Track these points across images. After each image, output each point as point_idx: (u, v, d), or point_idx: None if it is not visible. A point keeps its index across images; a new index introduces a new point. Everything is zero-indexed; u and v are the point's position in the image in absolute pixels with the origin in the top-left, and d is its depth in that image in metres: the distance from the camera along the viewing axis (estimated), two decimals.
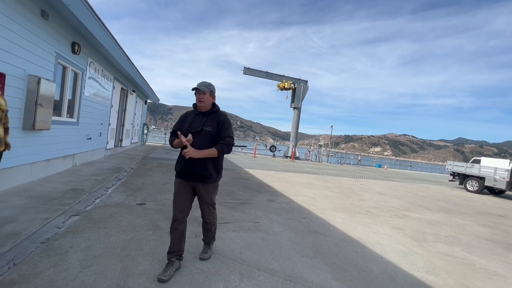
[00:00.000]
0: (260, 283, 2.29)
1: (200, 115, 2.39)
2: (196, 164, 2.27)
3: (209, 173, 2.32)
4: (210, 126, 2.32)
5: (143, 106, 15.99)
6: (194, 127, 2.32)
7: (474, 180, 11.91)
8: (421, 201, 7.66)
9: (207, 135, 2.29)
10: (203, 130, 2.30)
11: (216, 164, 2.38)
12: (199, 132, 2.29)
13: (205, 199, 2.42)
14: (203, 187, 2.36)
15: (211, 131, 2.31)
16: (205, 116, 2.37)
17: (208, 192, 2.41)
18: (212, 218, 2.54)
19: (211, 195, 2.45)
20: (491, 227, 5.51)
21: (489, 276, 3.03)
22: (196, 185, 2.36)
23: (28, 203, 3.45)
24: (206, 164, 2.29)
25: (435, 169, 29.44)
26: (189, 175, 2.33)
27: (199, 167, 2.28)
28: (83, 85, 6.34)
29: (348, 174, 13.67)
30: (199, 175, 2.31)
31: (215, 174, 2.39)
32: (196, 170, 2.29)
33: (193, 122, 2.35)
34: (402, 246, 3.70)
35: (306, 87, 21.40)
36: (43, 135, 4.69)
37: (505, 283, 2.90)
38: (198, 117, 2.38)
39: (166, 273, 2.17)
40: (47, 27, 4.45)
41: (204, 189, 2.38)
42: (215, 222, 2.60)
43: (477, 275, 3.03)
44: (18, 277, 1.97)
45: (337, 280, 2.50)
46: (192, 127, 2.33)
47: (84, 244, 2.60)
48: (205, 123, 2.32)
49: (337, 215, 4.92)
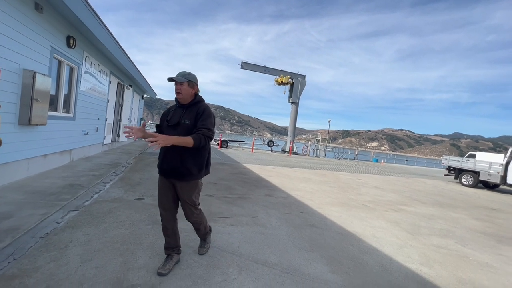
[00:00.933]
0: (258, 276, 2.33)
1: (181, 107, 2.20)
2: (173, 159, 2.10)
3: (186, 169, 2.11)
4: (188, 119, 2.11)
5: (140, 101, 15.88)
6: (172, 121, 2.15)
7: (469, 175, 12.06)
8: (416, 195, 7.76)
9: (184, 128, 2.09)
10: (180, 123, 2.11)
11: (196, 160, 2.15)
12: (176, 125, 2.11)
13: (183, 199, 2.22)
14: (180, 184, 2.17)
15: (189, 124, 2.09)
16: (185, 109, 2.17)
17: (186, 191, 2.19)
18: (196, 219, 2.36)
19: (191, 194, 2.22)
20: (485, 220, 5.62)
21: (481, 268, 3.11)
22: (175, 182, 2.18)
23: (26, 199, 3.45)
24: (183, 159, 2.09)
25: (431, 164, 29.73)
26: (167, 171, 2.17)
27: (176, 162, 2.10)
28: (79, 80, 6.27)
29: (346, 168, 13.76)
30: (176, 171, 2.12)
31: (196, 170, 2.16)
32: (173, 166, 2.11)
33: (172, 116, 2.18)
34: (397, 239, 3.76)
35: (304, 81, 21.35)
36: (40, 130, 4.65)
37: (496, 274, 2.97)
38: (178, 110, 2.19)
39: (166, 267, 2.18)
40: (41, 20, 4.38)
41: (182, 187, 2.18)
42: (201, 221, 2.44)
43: (469, 266, 3.10)
44: (19, 271, 1.99)
45: (333, 273, 2.55)
46: (170, 120, 2.16)
47: (83, 239, 2.62)
48: (183, 116, 2.13)
49: (334, 209, 4.97)
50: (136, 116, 14.98)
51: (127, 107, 11.99)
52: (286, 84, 21.22)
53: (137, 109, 14.91)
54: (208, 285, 2.10)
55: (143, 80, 12.85)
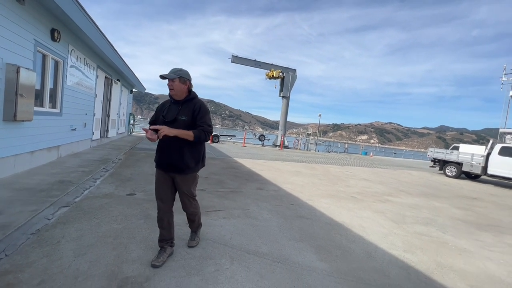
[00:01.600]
0: (250, 265, 2.42)
1: (176, 104, 2.28)
2: (172, 154, 2.22)
3: (185, 164, 2.24)
4: (185, 115, 2.21)
5: (128, 96, 15.58)
6: (168, 117, 2.23)
7: (453, 166, 12.53)
8: (403, 187, 8.04)
9: (181, 124, 2.18)
10: (177, 119, 2.20)
11: (194, 154, 2.28)
12: (173, 121, 2.20)
13: (182, 191, 2.35)
14: (180, 177, 2.30)
15: (186, 120, 2.20)
16: (181, 105, 2.26)
17: (185, 183, 2.33)
18: (193, 209, 2.49)
19: (190, 186, 2.37)
20: (465, 209, 5.91)
21: (459, 253, 3.31)
22: (174, 175, 2.30)
23: (15, 196, 3.40)
24: (182, 153, 2.22)
25: (418, 156, 30.60)
26: (166, 165, 2.28)
27: (175, 156, 2.22)
28: (65, 74, 6.11)
29: (335, 162, 14.04)
30: (175, 166, 2.24)
31: (193, 164, 2.30)
32: (173, 160, 2.23)
33: (168, 112, 2.27)
34: (383, 228, 3.94)
35: (295, 76, 21.41)
36: (26, 126, 4.55)
37: (472, 258, 3.18)
38: (174, 106, 2.28)
39: (159, 259, 2.25)
40: (23, 12, 4.24)
41: (182, 179, 2.31)
42: (197, 212, 2.57)
43: (449, 252, 3.30)
44: (11, 266, 2.00)
45: (322, 261, 2.67)
46: (166, 116, 2.24)
47: (75, 234, 2.63)
48: (180, 112, 2.22)
49: (323, 201, 5.12)
50: (125, 111, 14.72)
51: (116, 102, 11.76)
52: (277, 78, 21.24)
53: (125, 104, 14.64)
54: (202, 275, 2.18)
55: (131, 74, 12.59)
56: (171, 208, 2.40)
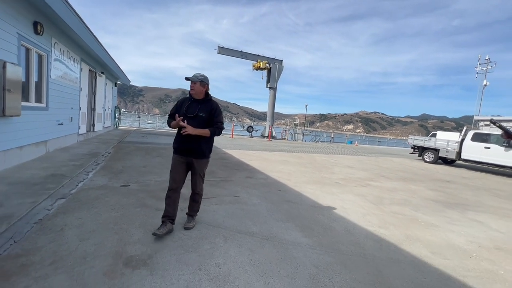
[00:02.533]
0: (242, 243, 2.70)
1: (196, 102, 2.79)
2: (192, 143, 2.73)
3: (202, 151, 2.79)
4: (203, 112, 2.74)
5: (113, 89, 15.26)
6: (190, 112, 2.74)
7: (431, 152, 13.30)
8: (384, 172, 8.56)
9: (200, 119, 2.72)
10: (198, 115, 2.73)
11: (208, 144, 2.86)
12: (194, 117, 2.72)
13: (198, 172, 2.87)
14: (197, 162, 2.83)
15: (204, 117, 2.74)
16: (200, 104, 2.78)
17: (201, 166, 2.88)
18: (201, 190, 2.97)
19: (203, 168, 2.92)
20: (438, 190, 6.45)
21: (427, 227, 3.74)
22: (192, 160, 2.81)
23: (11, 189, 3.49)
24: (200, 143, 2.76)
25: (400, 144, 31.87)
26: (186, 152, 2.79)
27: (194, 145, 2.75)
28: (49, 68, 6.03)
29: (322, 151, 14.51)
30: (195, 152, 2.78)
31: (207, 152, 2.87)
32: (192, 148, 2.76)
33: (189, 108, 2.77)
34: (362, 209, 4.32)
35: (281, 66, 21.54)
36: (14, 121, 4.55)
37: (438, 231, 3.61)
38: (194, 104, 2.79)
39: (160, 230, 2.61)
40: (5, 5, 4.18)
41: (198, 163, 2.84)
42: (202, 194, 3.01)
43: (418, 226, 3.72)
44: (22, 251, 2.18)
45: (305, 237, 2.99)
46: (188, 112, 2.74)
47: (77, 222, 2.80)
48: (200, 110, 2.75)
49: (309, 187, 5.47)
50: (111, 105, 14.46)
51: (101, 95, 11.56)
52: (264, 69, 21.31)
53: (111, 97, 14.36)
54: (199, 252, 2.43)
55: (116, 66, 12.34)
56: (180, 188, 2.84)
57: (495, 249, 3.21)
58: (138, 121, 20.93)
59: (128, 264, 2.14)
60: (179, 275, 2.06)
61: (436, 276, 2.42)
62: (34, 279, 1.85)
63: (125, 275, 1.99)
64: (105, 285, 1.86)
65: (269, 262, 2.38)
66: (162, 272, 2.07)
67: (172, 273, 2.08)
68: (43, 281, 1.83)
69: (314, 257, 2.56)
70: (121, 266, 2.10)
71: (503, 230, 3.94)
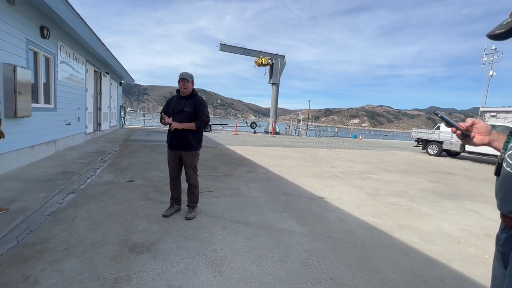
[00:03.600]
0: (239, 231, 2.88)
1: (181, 98, 3.05)
2: (180, 137, 2.98)
3: (189, 143, 3.02)
4: (188, 108, 2.99)
5: (118, 88, 15.55)
6: (176, 108, 3.01)
7: (434, 145, 13.25)
8: (385, 165, 8.63)
9: (186, 114, 2.97)
10: (183, 110, 2.98)
11: (195, 137, 3.06)
12: (180, 112, 2.98)
13: (188, 164, 3.11)
14: (186, 154, 3.07)
15: (189, 111, 2.98)
16: (186, 100, 3.03)
17: (189, 158, 3.09)
18: (194, 181, 3.17)
19: (193, 160, 3.12)
20: (437, 182, 6.52)
21: (421, 216, 3.86)
22: (181, 153, 3.07)
23: (24, 186, 3.74)
24: (187, 136, 2.99)
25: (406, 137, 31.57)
26: (175, 145, 3.06)
27: (182, 139, 2.99)
28: (56, 70, 6.28)
29: (325, 145, 14.58)
30: (182, 145, 3.02)
31: (195, 144, 3.08)
32: (180, 141, 3.00)
33: (176, 104, 3.04)
34: (358, 200, 4.46)
35: (284, 62, 21.54)
36: (25, 122, 4.81)
37: (431, 220, 3.73)
38: (180, 100, 3.04)
39: (168, 211, 3.11)
40: (14, 12, 4.40)
41: (187, 156, 3.08)
42: (197, 185, 3.22)
43: (411, 216, 3.84)
44: (38, 239, 2.40)
45: (300, 226, 3.15)
46: (175, 108, 3.02)
47: (86, 214, 3.02)
48: (185, 105, 3.00)
49: (308, 180, 5.61)
50: (116, 104, 14.77)
51: (106, 95, 11.85)
52: (266, 65, 21.34)
53: (116, 97, 14.66)
54: (198, 239, 2.62)
55: (119, 66, 12.59)
56: (179, 177, 3.20)
57: (485, 236, 3.31)
58: (143, 120, 21.28)
59: (133, 250, 2.34)
60: (179, 259, 2.25)
61: (421, 260, 2.56)
62: (49, 263, 2.06)
63: (130, 259, 2.19)
64: (112, 267, 2.06)
65: (263, 248, 2.55)
66: (163, 257, 2.26)
67: (173, 257, 2.27)
68: (57, 264, 2.05)
69: (306, 243, 2.72)
70: (126, 252, 2.30)
71: (498, 219, 4.02)
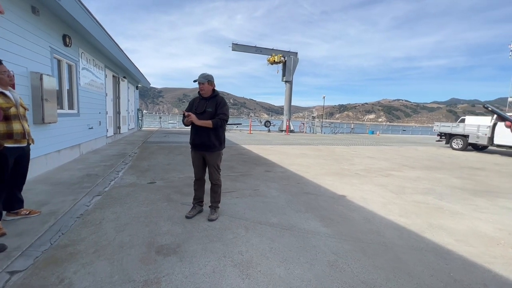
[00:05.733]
0: (263, 232, 2.84)
1: (203, 99, 3.09)
2: (202, 137, 3.00)
3: (212, 143, 3.02)
4: (210, 108, 3.02)
5: (135, 92, 15.98)
6: (199, 109, 3.04)
7: (459, 139, 12.60)
8: (407, 162, 8.30)
9: (208, 114, 2.99)
10: (205, 111, 3.01)
11: (217, 136, 3.05)
12: (202, 112, 3.01)
13: (211, 164, 3.13)
14: (209, 154, 3.09)
15: (211, 111, 3.00)
16: (207, 100, 3.06)
17: (213, 158, 3.10)
18: (217, 181, 3.19)
19: (216, 160, 3.13)
20: (466, 178, 6.17)
21: (452, 215, 3.65)
22: (204, 153, 3.09)
23: (54, 189, 3.90)
24: (209, 136, 2.99)
25: (426, 132, 30.34)
26: (197, 146, 3.08)
27: (204, 139, 3.00)
28: (78, 77, 6.51)
29: (341, 142, 14.26)
30: (205, 146, 3.03)
31: (218, 144, 3.07)
32: (203, 142, 3.02)
33: (198, 106, 3.09)
34: (383, 198, 4.29)
35: (296, 59, 21.26)
36: (52, 128, 5.01)
37: (463, 219, 3.52)
38: (202, 101, 3.09)
39: (191, 213, 3.16)
40: (39, 22, 4.58)
41: (210, 156, 3.10)
42: (220, 184, 3.23)
43: (441, 215, 3.64)
44: (69, 241, 2.47)
45: (325, 226, 3.07)
46: (198, 109, 3.05)
47: (112, 216, 3.09)
48: (207, 106, 3.04)
49: (328, 178, 5.49)
50: (133, 107, 15.18)
51: (124, 99, 12.19)
52: (279, 63, 21.15)
53: (133, 100, 15.07)
54: (222, 241, 2.61)
55: (136, 70, 12.92)
56: (203, 176, 3.24)
57: None
58: (159, 122, 21.76)
59: (159, 252, 2.36)
60: (205, 261, 2.24)
61: (459, 263, 2.40)
62: (82, 265, 2.11)
63: (157, 261, 2.21)
64: (141, 270, 2.08)
65: (289, 250, 2.50)
66: (190, 259, 2.26)
67: (199, 259, 2.26)
68: (89, 267, 2.09)
69: (333, 245, 2.63)
70: (153, 254, 2.32)
71: None
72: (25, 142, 2.69)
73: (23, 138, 2.66)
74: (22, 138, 2.65)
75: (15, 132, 2.57)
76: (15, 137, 2.57)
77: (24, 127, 2.67)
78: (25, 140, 2.69)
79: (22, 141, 2.66)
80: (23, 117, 2.70)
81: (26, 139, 2.70)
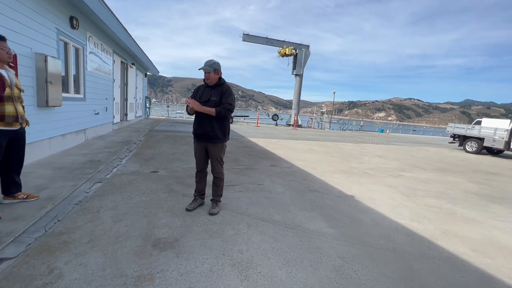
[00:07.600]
0: (265, 230, 2.70)
1: (208, 88, 2.93)
2: (205, 127, 2.84)
3: (215, 135, 2.86)
4: (215, 96, 2.85)
5: (143, 79, 15.91)
6: (203, 98, 2.88)
7: (474, 141, 12.13)
8: (418, 162, 8.00)
9: (212, 103, 2.83)
10: (210, 99, 2.85)
11: (221, 127, 2.89)
12: (207, 101, 2.84)
13: (214, 156, 2.98)
14: (212, 146, 2.93)
15: (216, 100, 2.84)
16: (212, 89, 2.90)
17: (216, 150, 2.95)
18: (220, 174, 3.05)
19: (219, 152, 2.99)
20: (481, 183, 5.88)
21: (467, 222, 3.43)
22: (207, 144, 2.93)
23: (55, 173, 3.84)
24: (213, 127, 2.84)
25: (438, 132, 29.54)
26: (201, 136, 2.93)
27: (207, 129, 2.84)
28: (85, 61, 6.41)
29: (350, 139, 13.94)
30: (208, 136, 2.87)
31: (222, 135, 2.91)
32: (206, 132, 2.85)
33: (203, 94, 2.92)
34: (393, 200, 4.09)
35: (308, 52, 20.74)
36: (56, 111, 4.94)
37: (479, 227, 3.30)
38: (207, 89, 2.93)
39: (191, 205, 3.04)
40: (44, 2, 4.45)
41: (214, 147, 2.94)
42: (222, 178, 3.09)
43: (456, 221, 3.43)
44: (64, 229, 2.38)
45: (331, 227, 2.91)
46: (202, 97, 2.89)
47: (111, 205, 3.00)
48: (211, 94, 2.87)
49: (335, 176, 5.29)
50: (141, 95, 15.13)
51: (132, 86, 12.12)
52: (290, 56, 20.70)
53: (141, 88, 15.01)
54: (222, 237, 2.48)
55: (145, 58, 12.79)
56: (205, 169, 3.11)
57: None
58: (167, 111, 21.75)
59: (156, 246, 2.25)
60: (203, 259, 2.12)
61: (476, 276, 2.22)
62: (74, 255, 2.02)
63: (153, 256, 2.10)
64: (135, 264, 1.97)
65: (292, 251, 2.35)
66: (187, 255, 2.14)
67: (196, 256, 2.14)
68: (81, 258, 2.00)
69: (339, 248, 2.48)
70: (149, 248, 2.21)
71: None
72: (17, 125, 2.57)
73: (15, 121, 2.53)
74: (14, 121, 2.53)
75: (6, 114, 2.45)
76: (6, 119, 2.46)
77: (17, 110, 2.55)
78: (18, 123, 2.57)
79: (14, 124, 2.53)
80: (17, 98, 2.58)
81: (19, 122, 2.58)
